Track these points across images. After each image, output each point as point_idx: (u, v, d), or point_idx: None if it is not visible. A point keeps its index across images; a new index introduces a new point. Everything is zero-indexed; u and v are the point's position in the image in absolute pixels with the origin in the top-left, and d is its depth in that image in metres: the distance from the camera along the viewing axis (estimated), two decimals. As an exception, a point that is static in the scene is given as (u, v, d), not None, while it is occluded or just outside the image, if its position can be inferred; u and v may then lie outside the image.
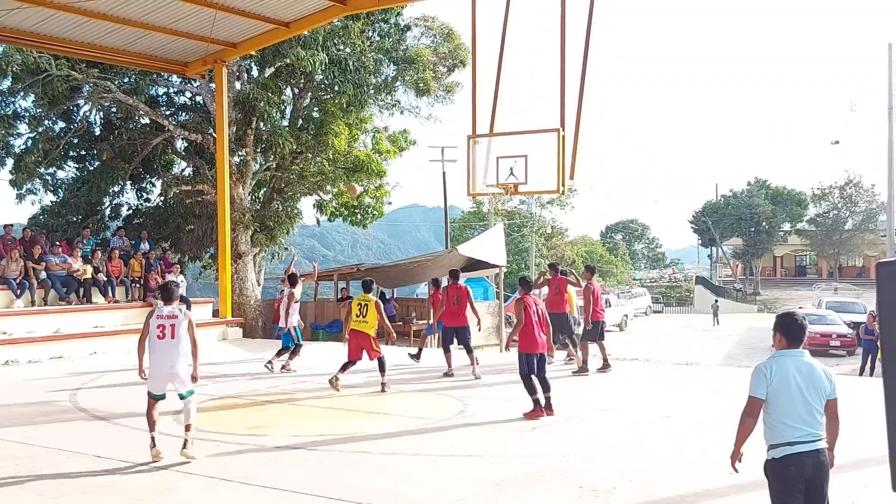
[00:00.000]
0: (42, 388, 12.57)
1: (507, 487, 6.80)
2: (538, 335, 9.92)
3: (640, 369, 14.83)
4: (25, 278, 17.64)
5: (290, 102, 25.66)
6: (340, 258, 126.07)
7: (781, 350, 4.75)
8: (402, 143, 28.08)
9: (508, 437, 8.88)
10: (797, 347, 4.74)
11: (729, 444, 4.88)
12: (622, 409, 10.50)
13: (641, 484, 6.84)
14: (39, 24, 17.16)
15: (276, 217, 24.81)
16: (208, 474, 7.25)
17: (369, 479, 7.09)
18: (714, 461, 7.57)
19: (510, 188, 14.40)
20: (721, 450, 7.92)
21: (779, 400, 4.63)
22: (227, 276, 21.09)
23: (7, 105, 23.64)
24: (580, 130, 13.56)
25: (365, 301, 11.64)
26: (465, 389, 12.13)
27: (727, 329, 42.72)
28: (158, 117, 23.72)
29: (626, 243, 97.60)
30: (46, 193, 25.31)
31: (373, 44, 24.99)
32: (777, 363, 4.68)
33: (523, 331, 9.86)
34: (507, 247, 31.83)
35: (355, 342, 11.67)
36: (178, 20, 17.52)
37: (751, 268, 75.61)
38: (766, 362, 4.74)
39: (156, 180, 26.60)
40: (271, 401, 11.49)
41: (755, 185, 74.85)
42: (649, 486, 6.78)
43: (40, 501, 6.51)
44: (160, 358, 7.80)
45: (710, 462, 7.57)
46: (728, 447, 4.88)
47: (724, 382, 13.37)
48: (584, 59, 13.50)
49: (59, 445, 8.44)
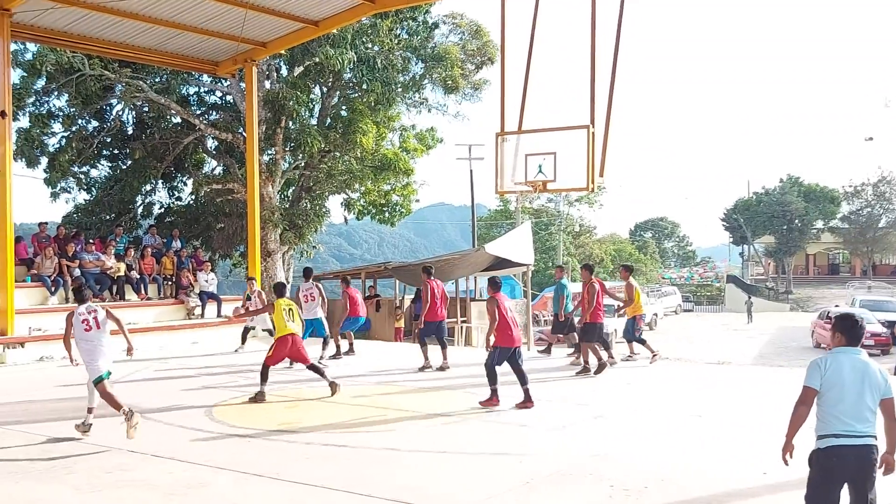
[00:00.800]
0: (76, 383, 12.71)
1: (538, 486, 6.77)
2: (513, 331, 10.41)
3: (670, 368, 14.71)
4: (60, 276, 17.90)
5: (318, 101, 25.79)
6: (367, 256, 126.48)
7: (839, 347, 4.92)
8: (429, 141, 28.11)
9: (537, 436, 8.85)
10: (855, 346, 4.90)
11: (761, 444, 4.87)
12: (653, 408, 10.42)
13: (673, 484, 6.78)
14: (73, 24, 17.40)
15: (304, 215, 24.96)
16: (240, 469, 7.30)
17: (398, 476, 7.10)
18: (746, 462, 7.51)
19: (539, 186, 14.33)
20: (753, 450, 7.89)
21: (830, 392, 4.77)
22: (256, 273, 21.22)
23: (42, 104, 23.99)
24: (610, 127, 13.47)
25: (290, 306, 11.43)
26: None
27: (759, 328, 42.30)
28: (190, 116, 23.95)
29: (655, 241, 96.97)
30: (80, 192, 25.71)
31: (401, 41, 25.04)
32: (833, 358, 4.85)
33: (499, 327, 10.33)
34: (535, 245, 31.73)
35: (294, 347, 11.20)
36: (208, 19, 17.68)
37: (783, 266, 74.75)
38: (822, 357, 4.92)
39: (187, 179, 26.91)
40: (300, 397, 11.56)
41: (787, 183, 73.98)
42: (681, 487, 6.72)
43: (75, 496, 6.60)
44: (92, 346, 8.86)
45: (743, 462, 7.49)
46: (760, 447, 4.87)
47: (757, 382, 13.24)
48: (615, 55, 13.40)
49: (93, 440, 8.55)
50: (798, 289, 70.62)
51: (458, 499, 6.40)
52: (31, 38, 18.54)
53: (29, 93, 23.19)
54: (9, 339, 15.51)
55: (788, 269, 73.99)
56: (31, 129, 23.49)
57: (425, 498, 6.40)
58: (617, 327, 32.66)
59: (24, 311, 16.32)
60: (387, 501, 6.33)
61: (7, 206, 16.00)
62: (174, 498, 6.52)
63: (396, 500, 6.34)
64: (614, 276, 70.62)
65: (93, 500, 6.48)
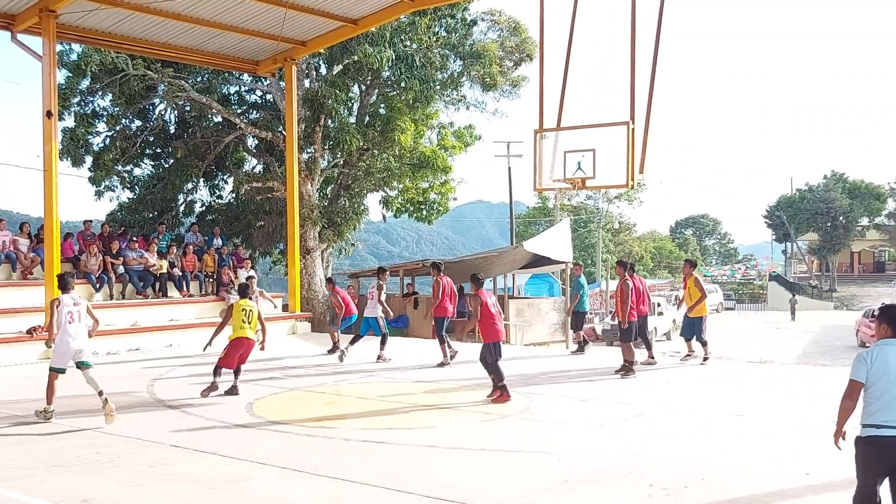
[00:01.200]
0: (120, 379, 12.95)
1: (576, 484, 6.74)
2: (499, 325, 10.81)
3: (712, 367, 14.55)
4: (104, 273, 18.22)
5: (357, 99, 25.90)
6: (405, 254, 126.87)
7: (884, 339, 5.01)
8: (467, 139, 28.08)
9: (576, 435, 8.81)
10: None
11: (804, 444, 4.83)
12: (694, 407, 10.32)
13: (714, 484, 6.71)
14: (117, 25, 17.68)
15: (343, 213, 25.08)
16: (280, 465, 7.38)
17: (437, 473, 7.12)
18: (789, 461, 7.40)
19: (577, 183, 14.25)
20: (796, 450, 7.78)
21: (877, 384, 4.87)
22: (296, 271, 21.41)
23: (86, 104, 24.38)
24: (650, 123, 13.35)
25: (248, 307, 11.03)
26: (530, 386, 12.07)
27: (802, 326, 41.64)
28: (230, 115, 24.20)
29: (696, 239, 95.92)
30: (124, 190, 26.09)
31: (439, 39, 25.04)
32: (879, 350, 4.94)
33: (484, 323, 10.72)
34: (574, 242, 31.61)
35: (247, 350, 11.03)
36: (249, 19, 17.85)
37: (827, 264, 73.45)
38: (868, 349, 5.01)
39: (228, 177, 27.19)
40: (340, 394, 11.63)
41: (832, 179, 72.71)
42: (722, 486, 6.64)
43: (119, 489, 6.71)
44: (70, 338, 9.40)
45: (785, 462, 7.39)
46: (803, 447, 4.84)
47: (799, 381, 13.04)
48: (655, 49, 13.27)
49: (137, 435, 8.70)
50: (842, 287, 69.40)
51: (497, 496, 6.40)
52: (76, 39, 18.86)
53: (74, 93, 23.58)
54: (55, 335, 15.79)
55: (832, 267, 72.72)
56: (77, 128, 23.89)
57: (463, 495, 6.40)
58: (657, 325, 32.46)
59: (70, 308, 16.61)
60: (425, 498, 6.35)
61: (53, 205, 16.31)
62: (216, 492, 6.60)
63: (435, 498, 6.35)
64: (654, 274, 70.11)
65: (136, 493, 6.58)
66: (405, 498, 6.40)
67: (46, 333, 11.32)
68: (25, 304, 16.49)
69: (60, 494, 6.50)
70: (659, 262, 76.94)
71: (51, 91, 16.27)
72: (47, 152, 16.33)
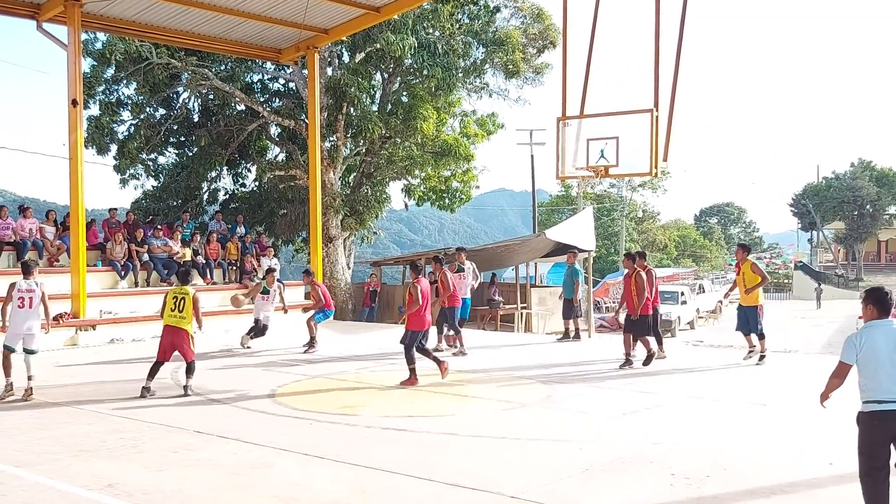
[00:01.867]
0: (145, 365, 13.08)
1: (597, 473, 6.73)
2: (427, 315, 11.25)
3: (734, 356, 14.44)
4: (129, 260, 18.38)
5: (379, 87, 25.90)
6: (427, 242, 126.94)
7: (871, 321, 5.31)
8: (489, 127, 27.98)
9: (597, 424, 8.78)
10: (886, 317, 5.27)
11: (827, 434, 4.82)
12: (717, 396, 10.25)
13: (735, 473, 6.67)
14: (141, 14, 17.78)
15: (365, 201, 25.13)
16: (302, 451, 7.42)
17: (458, 461, 7.13)
18: (812, 452, 7.35)
19: (600, 171, 14.19)
20: (819, 440, 7.72)
21: (867, 366, 5.18)
22: (318, 259, 21.48)
23: (111, 93, 24.58)
24: (674, 110, 13.24)
25: (182, 294, 10.31)
26: (552, 375, 12.06)
27: (828, 316, 41.26)
28: (253, 104, 24.29)
29: (721, 227, 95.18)
30: (148, 178, 26.31)
31: (462, 26, 24.95)
32: (866, 334, 5.23)
33: (418, 311, 11.07)
34: (597, 231, 31.44)
35: (168, 340, 10.33)
36: (272, 7, 17.88)
37: (853, 253, 72.70)
38: (856, 333, 5.31)
39: (251, 165, 27.33)
40: (361, 381, 11.68)
41: (859, 167, 71.82)
42: (743, 476, 6.60)
43: (143, 473, 6.78)
44: (20, 321, 9.99)
45: (808, 452, 7.33)
46: (826, 438, 4.84)
47: (824, 371, 12.82)
48: (680, 37, 13.16)
49: (161, 420, 8.78)
50: (869, 276, 68.62)
51: (517, 484, 6.40)
52: (100, 28, 18.98)
53: (99, 81, 23.76)
54: (81, 322, 16.01)
55: (859, 256, 71.96)
56: (102, 117, 24.09)
57: (483, 483, 6.41)
58: (681, 314, 32.28)
59: (96, 295, 16.81)
60: (445, 485, 6.37)
61: (79, 193, 16.48)
62: (238, 478, 6.66)
63: (455, 485, 6.37)
64: (679, 263, 69.68)
65: (159, 478, 6.65)
66: (426, 485, 6.41)
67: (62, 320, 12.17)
68: (52, 291, 16.56)
69: (85, 479, 6.59)
70: (683, 251, 76.44)
71: (76, 80, 16.41)
72: (73, 141, 16.48)
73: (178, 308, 10.22)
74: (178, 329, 10.26)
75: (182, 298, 10.24)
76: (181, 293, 10.30)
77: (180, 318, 10.23)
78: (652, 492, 6.22)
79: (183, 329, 10.27)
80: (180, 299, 10.23)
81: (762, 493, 6.18)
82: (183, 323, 10.25)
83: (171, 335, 10.30)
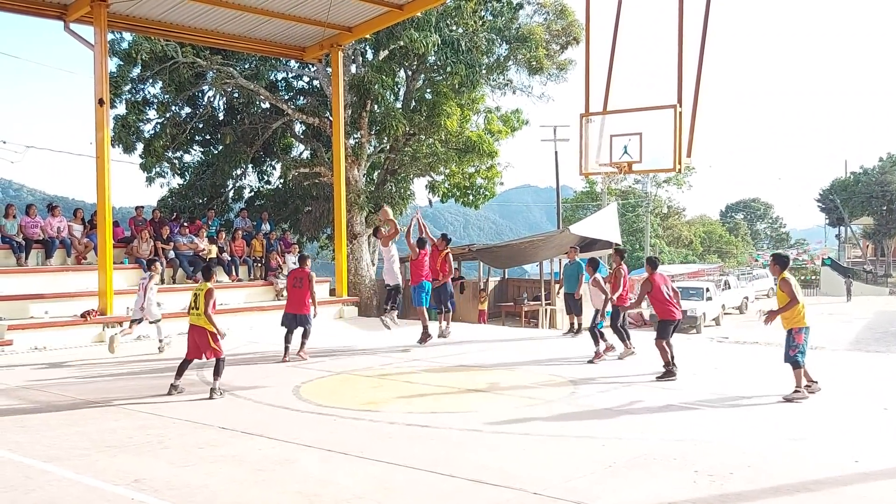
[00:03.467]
0: (172, 362, 13.22)
1: (620, 469, 6.72)
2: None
3: (760, 353, 14.32)
4: (155, 257, 18.55)
5: (403, 84, 25.91)
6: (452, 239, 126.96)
7: None
8: (513, 123, 27.92)
9: (621, 420, 8.76)
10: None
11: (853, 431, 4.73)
12: (741, 393, 10.19)
13: (759, 470, 6.63)
14: (166, 13, 17.94)
15: (389, 198, 25.15)
16: (326, 447, 7.47)
17: (481, 457, 7.15)
18: (837, 449, 7.29)
19: (624, 167, 14.09)
20: (845, 437, 7.66)
21: None
22: (342, 256, 21.56)
23: (137, 92, 24.78)
24: (698, 106, 13.12)
25: (200, 290, 10.13)
26: (576, 372, 12.04)
27: (856, 312, 40.73)
28: (278, 102, 24.41)
29: (747, 223, 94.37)
30: (174, 176, 26.48)
31: (485, 23, 24.91)
32: None
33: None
34: (622, 227, 31.31)
35: (192, 338, 10.22)
36: (295, 6, 17.96)
37: (882, 248, 71.71)
38: None
39: (275, 163, 27.46)
40: (385, 377, 11.72)
41: (888, 161, 70.79)
42: (767, 473, 6.56)
43: (169, 469, 6.86)
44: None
45: (834, 449, 7.27)
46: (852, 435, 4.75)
47: (850, 368, 12.77)
48: (704, 31, 13.04)
49: (187, 417, 8.88)
50: (898, 272, 67.73)
51: (540, 481, 6.40)
52: (126, 28, 19.17)
53: (125, 81, 23.98)
54: (108, 319, 16.19)
55: (888, 252, 70.95)
56: (128, 115, 24.30)
57: (506, 479, 6.42)
58: (706, 310, 32.01)
59: (122, 292, 16.99)
60: (468, 482, 6.38)
61: (106, 191, 16.66)
62: (262, 474, 6.72)
63: (478, 481, 6.38)
64: (704, 259, 69.19)
65: (184, 473, 6.73)
66: (449, 481, 6.44)
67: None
68: (80, 288, 16.89)
69: (112, 474, 6.68)
70: (709, 247, 75.93)
71: (102, 79, 16.58)
72: (99, 139, 16.67)
73: (196, 305, 10.09)
74: (198, 328, 10.11)
75: (198, 295, 10.10)
76: (200, 289, 10.15)
77: (197, 315, 10.07)
78: (675, 488, 6.20)
79: (202, 327, 10.06)
80: (199, 296, 10.08)
81: (786, 491, 6.14)
82: (201, 321, 10.05)
83: (193, 334, 10.20)
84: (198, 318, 10.08)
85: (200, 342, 10.13)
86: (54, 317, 15.84)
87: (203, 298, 10.00)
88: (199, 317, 10.06)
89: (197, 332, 10.14)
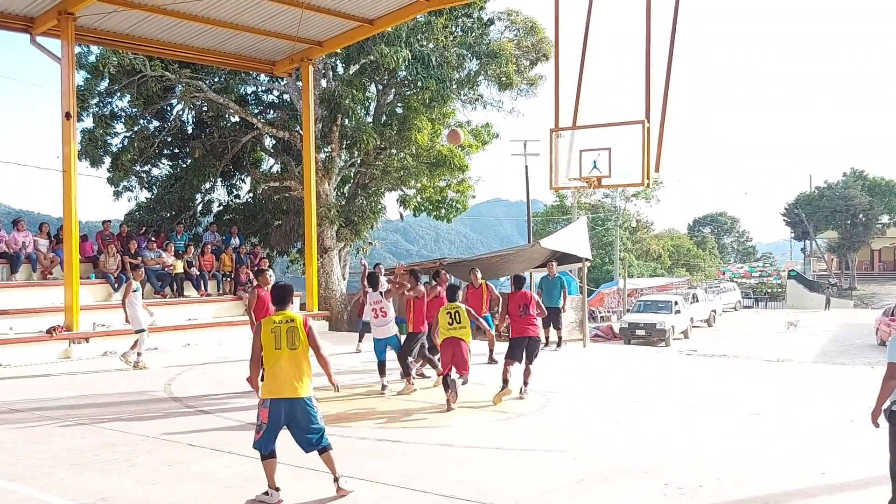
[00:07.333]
0: (138, 377, 13.07)
1: (591, 483, 6.74)
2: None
3: (728, 365, 14.47)
4: (123, 272, 18.33)
5: (373, 99, 25.96)
6: (423, 252, 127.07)
7: None
8: (484, 137, 28.08)
9: (591, 433, 8.80)
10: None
11: (820, 443, 4.78)
12: (710, 406, 10.28)
13: (729, 483, 6.68)
14: (134, 27, 17.82)
15: (360, 212, 25.16)
16: (296, 464, 7.40)
17: (453, 472, 7.13)
18: (805, 461, 7.36)
19: (593, 181, 14.25)
20: (812, 449, 7.74)
21: None
22: (313, 270, 21.48)
23: (105, 105, 24.59)
24: (666, 121, 13.31)
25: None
26: (547, 385, 12.06)
27: (822, 325, 41.27)
28: (248, 115, 24.32)
29: (714, 237, 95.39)
30: (142, 190, 26.30)
31: (456, 39, 25.06)
32: None
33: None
34: (591, 241, 31.45)
35: None
36: (266, 20, 17.93)
37: (846, 262, 72.85)
38: None
39: (245, 177, 27.35)
40: (356, 393, 11.66)
41: (851, 176, 71.99)
42: (737, 485, 6.61)
43: (136, 487, 6.77)
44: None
45: (802, 462, 7.35)
46: (820, 447, 4.79)
47: (817, 380, 12.94)
48: (671, 48, 13.24)
49: (154, 434, 8.76)
50: (862, 285, 68.81)
51: (512, 495, 6.40)
52: (94, 41, 19.02)
53: (93, 94, 23.80)
54: (74, 335, 15.97)
55: (852, 265, 72.11)
56: (95, 129, 24.11)
57: (478, 494, 6.41)
58: (675, 324, 32.25)
59: (89, 308, 16.78)
60: (440, 497, 6.36)
61: (72, 205, 16.46)
62: (231, 491, 6.65)
63: (450, 496, 6.37)
64: (672, 273, 69.78)
65: (152, 492, 6.64)
66: (420, 497, 6.41)
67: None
68: (45, 304, 16.65)
69: (78, 492, 6.57)
70: (677, 261, 76.58)
71: (69, 93, 16.42)
72: (66, 153, 16.49)
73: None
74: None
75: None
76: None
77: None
78: (645, 501, 6.23)
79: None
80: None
81: (755, 503, 6.20)
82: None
83: None
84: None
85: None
86: (19, 333, 15.58)
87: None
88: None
89: None
